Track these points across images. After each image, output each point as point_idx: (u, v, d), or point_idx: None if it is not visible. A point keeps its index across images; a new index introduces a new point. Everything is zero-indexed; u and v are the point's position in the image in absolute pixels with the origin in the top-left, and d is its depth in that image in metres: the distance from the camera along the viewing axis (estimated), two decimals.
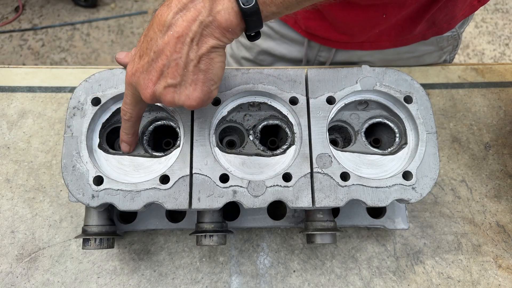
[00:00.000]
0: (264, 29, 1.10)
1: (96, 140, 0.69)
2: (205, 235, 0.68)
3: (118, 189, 0.63)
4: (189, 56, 0.52)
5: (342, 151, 0.70)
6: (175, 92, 0.55)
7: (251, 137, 0.71)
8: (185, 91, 0.54)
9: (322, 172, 0.65)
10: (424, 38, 1.00)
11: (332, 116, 0.71)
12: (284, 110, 0.71)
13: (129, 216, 0.78)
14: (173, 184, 0.64)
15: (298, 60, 1.12)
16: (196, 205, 0.63)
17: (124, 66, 0.68)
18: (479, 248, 0.82)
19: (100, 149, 0.68)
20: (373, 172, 0.69)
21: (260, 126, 0.72)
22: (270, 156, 0.69)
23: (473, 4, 0.98)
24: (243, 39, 1.18)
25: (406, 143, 0.71)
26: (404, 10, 0.87)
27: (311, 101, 0.69)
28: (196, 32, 0.51)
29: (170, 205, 0.63)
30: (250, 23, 0.53)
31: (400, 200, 0.66)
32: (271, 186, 0.64)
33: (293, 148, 0.69)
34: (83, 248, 0.68)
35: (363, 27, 0.93)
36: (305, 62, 1.12)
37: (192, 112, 0.68)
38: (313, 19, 0.97)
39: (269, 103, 0.71)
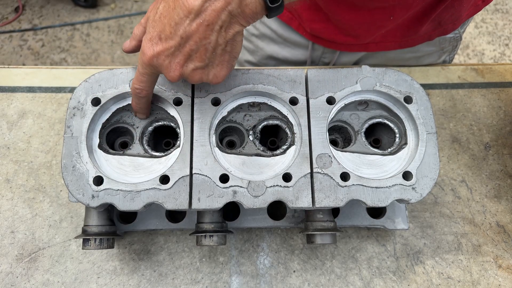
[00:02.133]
0: (267, 32, 1.10)
1: (96, 140, 0.69)
2: (205, 235, 0.68)
3: (118, 189, 0.63)
4: (218, 42, 0.56)
5: (342, 151, 0.70)
6: (203, 73, 0.59)
7: (251, 137, 0.71)
8: (212, 70, 0.60)
9: (322, 172, 0.65)
10: (429, 38, 1.00)
11: (332, 116, 0.71)
12: (284, 110, 0.71)
13: (129, 216, 0.78)
14: (173, 184, 0.64)
15: (302, 62, 1.12)
16: (196, 205, 0.63)
17: (133, 51, 0.69)
18: (479, 248, 0.82)
19: (100, 149, 0.68)
20: (373, 172, 0.69)
21: (260, 126, 0.72)
22: (270, 156, 0.69)
23: (478, 4, 0.98)
24: (246, 42, 1.18)
25: (406, 143, 0.71)
26: (411, 10, 0.87)
27: (311, 101, 0.69)
28: (224, 21, 0.54)
29: (170, 205, 0.63)
30: (273, 13, 0.57)
31: (400, 200, 0.66)
32: (271, 186, 0.64)
33: (293, 148, 0.69)
34: (83, 248, 0.68)
35: (369, 29, 0.93)
36: (309, 65, 1.12)
37: (192, 112, 0.68)
38: (318, 21, 0.96)
39: (269, 103, 0.71)
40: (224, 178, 0.65)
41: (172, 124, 0.72)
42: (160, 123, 0.73)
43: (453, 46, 1.09)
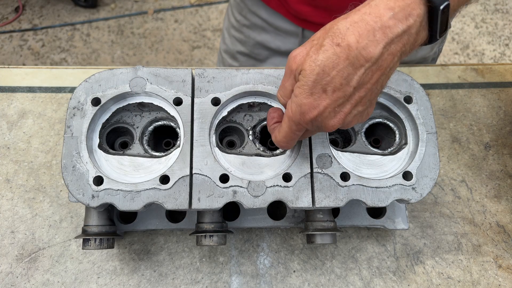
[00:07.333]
0: (258, 22, 1.10)
1: (96, 140, 0.69)
2: (205, 235, 0.68)
3: (118, 189, 0.63)
4: (384, 82, 0.53)
5: (342, 151, 0.70)
6: (361, 116, 0.55)
7: (251, 137, 0.71)
8: (367, 111, 0.56)
9: (322, 172, 0.65)
10: None
11: None
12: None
13: (129, 216, 0.78)
14: (173, 184, 0.64)
15: None
16: (196, 205, 0.63)
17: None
18: (479, 248, 0.82)
19: (100, 149, 0.68)
20: (373, 172, 0.69)
21: (260, 126, 0.72)
22: (270, 156, 0.69)
23: None
24: (237, 33, 1.18)
25: (406, 143, 0.71)
26: None
27: None
28: (396, 62, 0.52)
29: (170, 205, 0.63)
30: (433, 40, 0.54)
31: (400, 200, 0.66)
32: (271, 186, 0.64)
33: (293, 148, 0.69)
34: (83, 248, 0.68)
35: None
36: None
37: (192, 112, 0.68)
38: (305, 4, 0.95)
39: (269, 103, 0.71)
40: (224, 178, 0.65)
41: (172, 124, 0.72)
42: (160, 123, 0.73)
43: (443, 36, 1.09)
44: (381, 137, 0.77)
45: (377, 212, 0.80)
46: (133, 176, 0.67)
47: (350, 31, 0.49)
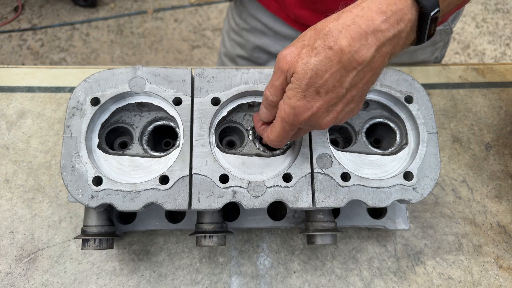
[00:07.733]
0: (258, 26, 1.09)
1: (95, 140, 0.68)
2: (205, 236, 0.68)
3: (117, 190, 0.63)
4: (375, 80, 0.55)
5: (342, 151, 0.70)
6: (352, 112, 0.57)
7: (251, 137, 0.71)
8: (358, 106, 0.57)
9: (323, 172, 0.65)
10: None
11: None
12: None
13: (128, 217, 0.78)
14: (173, 184, 0.63)
15: None
16: (195, 205, 0.63)
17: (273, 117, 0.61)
18: (480, 249, 0.82)
19: (100, 149, 0.68)
20: (373, 173, 0.69)
21: None
22: (270, 156, 0.69)
23: None
24: (237, 37, 1.18)
25: (406, 143, 0.70)
26: None
27: None
28: (386, 61, 0.53)
29: (169, 206, 0.63)
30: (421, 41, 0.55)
31: (400, 201, 0.66)
32: (271, 186, 0.64)
33: (293, 148, 0.68)
34: (82, 249, 0.68)
35: None
36: None
37: (192, 112, 0.68)
38: (304, 8, 0.95)
39: None
40: (224, 178, 0.64)
41: (172, 124, 0.72)
42: (159, 123, 0.72)
43: (444, 41, 1.09)
44: (382, 137, 0.76)
45: (377, 213, 0.80)
46: (133, 176, 0.67)
47: (343, 35, 0.49)
